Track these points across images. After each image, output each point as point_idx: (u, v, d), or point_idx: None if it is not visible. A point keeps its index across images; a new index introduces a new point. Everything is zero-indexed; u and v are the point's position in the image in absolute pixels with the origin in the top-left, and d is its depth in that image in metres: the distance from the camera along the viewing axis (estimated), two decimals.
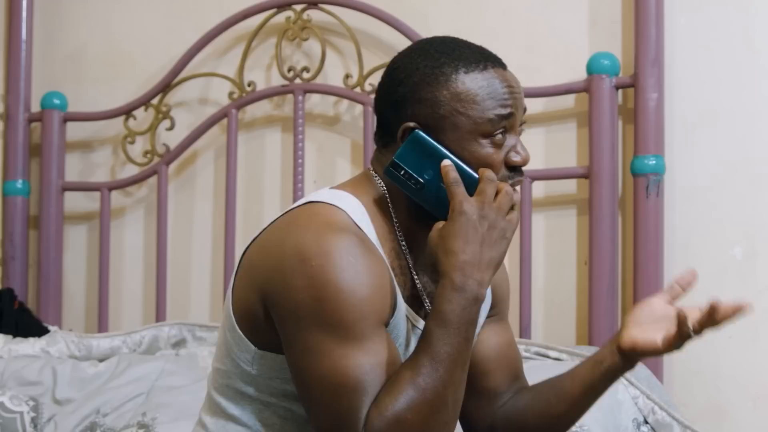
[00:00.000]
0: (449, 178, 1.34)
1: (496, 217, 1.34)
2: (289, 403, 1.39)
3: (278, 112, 2.89)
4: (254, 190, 2.89)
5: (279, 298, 1.32)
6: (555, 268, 2.62)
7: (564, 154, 2.60)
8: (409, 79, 1.39)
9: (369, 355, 1.28)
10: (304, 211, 1.37)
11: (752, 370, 2.45)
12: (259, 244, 1.39)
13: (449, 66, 1.38)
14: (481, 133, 1.37)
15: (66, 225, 3.05)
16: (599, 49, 2.56)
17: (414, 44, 1.46)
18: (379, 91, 1.44)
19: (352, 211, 1.38)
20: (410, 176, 1.37)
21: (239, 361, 1.40)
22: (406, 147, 1.37)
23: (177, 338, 2.72)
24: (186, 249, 2.95)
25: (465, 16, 2.71)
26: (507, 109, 1.39)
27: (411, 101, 1.38)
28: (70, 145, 3.05)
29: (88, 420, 2.43)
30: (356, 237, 1.33)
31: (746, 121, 2.48)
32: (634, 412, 2.22)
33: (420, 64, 1.39)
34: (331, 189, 1.44)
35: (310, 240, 1.30)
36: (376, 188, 1.43)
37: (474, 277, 1.31)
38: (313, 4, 2.80)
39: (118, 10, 3.08)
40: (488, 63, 1.40)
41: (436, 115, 1.37)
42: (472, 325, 1.32)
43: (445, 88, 1.37)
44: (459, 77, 1.37)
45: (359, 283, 1.29)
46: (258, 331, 1.38)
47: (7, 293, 2.90)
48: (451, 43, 1.42)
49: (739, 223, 2.47)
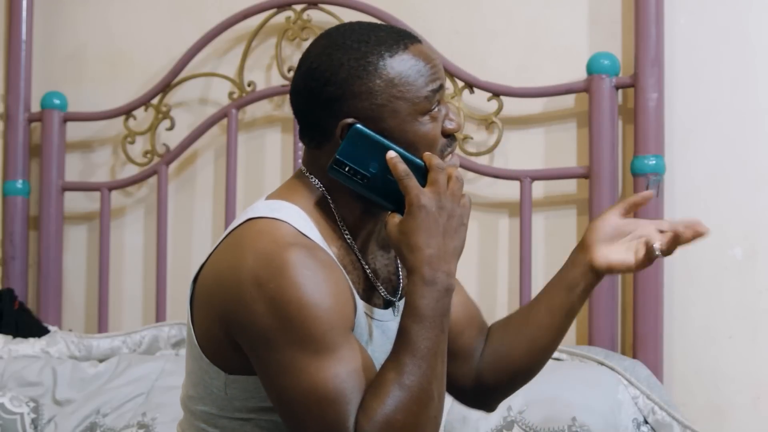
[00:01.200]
0: (398, 171, 1.34)
1: (453, 206, 1.34)
2: (269, 415, 1.39)
3: (278, 112, 2.89)
4: (254, 190, 2.89)
5: (244, 325, 1.31)
6: (555, 268, 2.60)
7: (564, 154, 2.60)
8: (335, 77, 1.37)
9: (343, 363, 1.28)
10: (247, 231, 1.36)
11: (752, 370, 2.44)
12: (210, 272, 1.38)
13: (373, 54, 1.37)
14: (420, 111, 1.38)
15: (66, 225, 3.05)
16: (599, 49, 2.56)
17: (322, 40, 1.42)
18: (300, 92, 1.41)
19: (294, 220, 1.36)
20: (355, 171, 1.36)
21: (212, 387, 1.40)
22: (348, 143, 1.36)
23: (177, 338, 2.72)
24: (186, 249, 2.95)
25: (465, 16, 2.71)
26: (437, 83, 1.39)
27: (344, 98, 1.37)
28: (70, 145, 3.05)
29: (89, 420, 2.43)
30: (306, 248, 1.32)
31: (746, 121, 2.48)
32: (634, 412, 2.22)
33: (343, 59, 1.37)
34: (267, 200, 1.42)
35: (262, 262, 1.29)
36: (313, 189, 1.42)
37: (442, 269, 1.32)
38: (313, 4, 2.80)
39: (118, 10, 3.08)
40: (406, 41, 1.39)
41: (373, 105, 1.36)
42: (446, 316, 1.32)
43: (376, 77, 1.36)
44: (386, 63, 1.37)
45: (321, 295, 1.29)
46: (225, 357, 1.37)
47: (7, 293, 2.90)
48: (360, 29, 1.41)
49: (739, 223, 2.47)
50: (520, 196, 2.55)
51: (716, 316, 2.47)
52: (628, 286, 2.51)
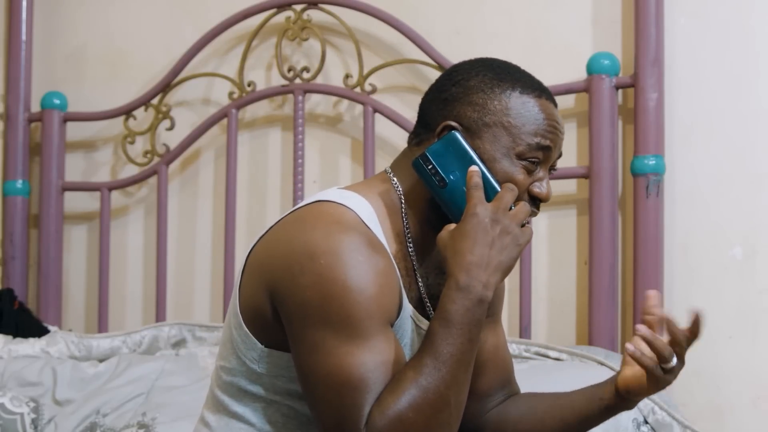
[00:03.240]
0: (471, 181, 1.35)
1: (509, 223, 1.34)
2: (293, 401, 1.40)
3: (279, 112, 2.89)
4: (255, 190, 2.89)
5: (287, 294, 1.32)
6: (555, 268, 2.62)
7: (564, 153, 2.59)
8: (465, 82, 1.41)
9: (374, 353, 1.28)
10: (312, 210, 1.37)
11: (752, 370, 2.45)
12: (266, 242, 1.39)
13: (507, 82, 1.41)
14: (517, 153, 1.39)
15: (66, 225, 3.05)
16: (599, 49, 2.56)
17: (479, 58, 1.48)
18: (431, 88, 1.46)
19: (361, 210, 1.38)
20: (436, 172, 1.38)
21: (245, 358, 1.40)
22: (441, 143, 1.38)
23: (177, 338, 2.72)
24: (186, 249, 2.95)
25: (465, 16, 2.72)
26: (548, 141, 1.41)
27: (461, 101, 1.40)
28: (70, 145, 3.05)
29: (89, 420, 2.43)
30: (365, 236, 1.33)
31: (746, 121, 2.48)
32: (634, 412, 2.22)
33: (480, 72, 1.42)
34: (340, 189, 1.44)
35: (319, 237, 1.31)
36: (390, 189, 1.44)
37: (479, 278, 1.31)
38: (313, 4, 2.80)
39: (118, 10, 3.08)
40: (543, 94, 1.42)
41: (480, 121, 1.39)
42: (477, 326, 1.31)
43: (497, 99, 1.39)
44: (514, 94, 1.40)
45: (367, 282, 1.30)
46: (265, 328, 1.38)
47: (7, 293, 2.90)
48: (514, 66, 1.45)
49: (739, 223, 2.47)
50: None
51: (716, 316, 2.47)
52: (628, 286, 2.51)
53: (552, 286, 2.61)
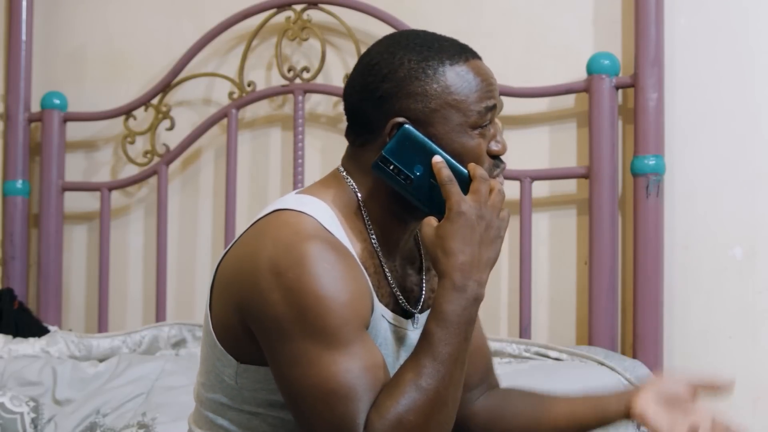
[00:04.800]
0: (443, 175, 1.34)
1: (492, 217, 1.34)
2: (277, 411, 1.39)
3: (279, 112, 2.89)
4: (256, 189, 2.89)
5: (259, 313, 1.31)
6: (555, 268, 2.61)
7: (564, 154, 2.61)
8: (393, 74, 1.37)
9: (356, 359, 1.28)
10: (271, 221, 1.36)
11: (752, 370, 2.44)
12: (231, 259, 1.38)
13: (434, 59, 1.37)
14: (471, 124, 1.38)
15: (66, 225, 3.05)
16: (599, 49, 2.56)
17: (387, 39, 1.43)
18: (355, 87, 1.41)
19: (320, 215, 1.36)
20: (399, 171, 1.36)
21: (223, 375, 1.40)
22: (396, 142, 1.36)
23: (177, 338, 2.72)
24: (186, 249, 2.95)
25: (465, 16, 2.71)
26: (492, 101, 1.39)
27: (398, 96, 1.37)
28: (70, 145, 3.05)
29: (88, 420, 2.43)
30: (328, 242, 1.32)
31: (746, 121, 2.48)
32: None
33: (404, 58, 1.37)
34: (297, 194, 1.43)
35: (282, 251, 1.29)
36: (346, 188, 1.42)
37: (473, 277, 1.32)
38: (313, 4, 2.80)
39: (118, 10, 3.08)
40: (468, 55, 1.40)
41: (426, 109, 1.36)
42: (471, 324, 1.32)
43: (434, 81, 1.36)
44: (446, 70, 1.37)
45: (338, 289, 1.29)
46: (239, 345, 1.37)
47: (7, 293, 2.90)
48: (425, 36, 1.41)
49: (739, 223, 2.47)
50: (520, 196, 2.55)
51: (716, 316, 2.47)
52: (628, 286, 2.51)
53: (552, 286, 2.61)
